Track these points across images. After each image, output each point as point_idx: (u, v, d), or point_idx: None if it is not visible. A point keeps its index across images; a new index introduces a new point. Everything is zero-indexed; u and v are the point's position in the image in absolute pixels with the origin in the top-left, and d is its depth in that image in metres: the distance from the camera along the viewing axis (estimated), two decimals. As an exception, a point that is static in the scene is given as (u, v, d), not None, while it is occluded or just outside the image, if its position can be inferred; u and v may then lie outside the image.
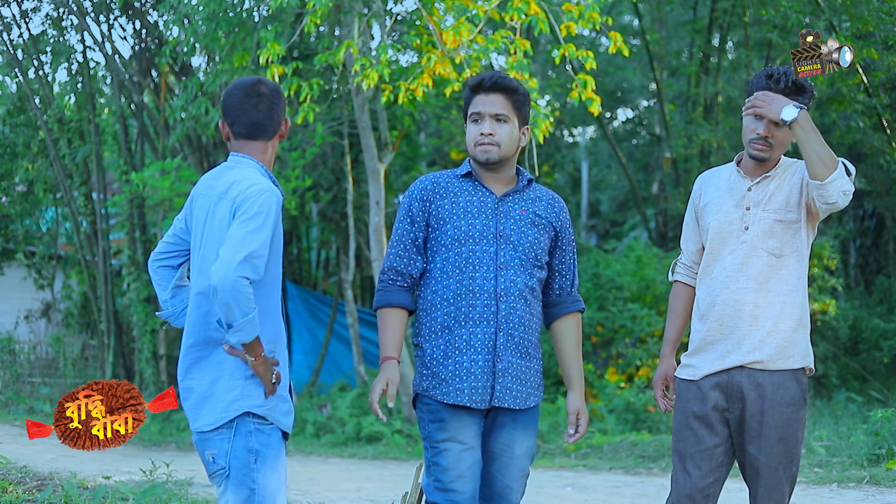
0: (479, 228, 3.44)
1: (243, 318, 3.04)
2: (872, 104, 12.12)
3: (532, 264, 3.47)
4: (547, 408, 11.00)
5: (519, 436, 3.46)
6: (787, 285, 3.48)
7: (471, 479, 3.37)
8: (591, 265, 12.94)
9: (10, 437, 9.86)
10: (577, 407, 3.54)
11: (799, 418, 3.47)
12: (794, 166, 3.58)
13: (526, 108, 3.55)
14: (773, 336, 3.45)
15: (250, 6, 9.99)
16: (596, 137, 21.69)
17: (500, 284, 3.41)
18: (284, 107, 3.39)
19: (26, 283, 17.39)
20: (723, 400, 3.50)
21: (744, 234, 3.51)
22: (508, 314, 3.41)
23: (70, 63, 13.79)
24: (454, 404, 3.39)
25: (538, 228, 3.49)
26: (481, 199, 3.49)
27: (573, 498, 7.18)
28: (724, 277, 3.52)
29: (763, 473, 3.46)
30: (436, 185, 3.52)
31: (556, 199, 3.59)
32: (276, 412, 3.26)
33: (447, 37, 8.30)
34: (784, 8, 12.10)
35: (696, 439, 3.51)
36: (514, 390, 3.42)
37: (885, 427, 7.71)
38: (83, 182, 14.15)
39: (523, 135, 3.56)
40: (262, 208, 3.12)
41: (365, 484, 7.78)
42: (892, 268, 14.77)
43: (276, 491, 3.24)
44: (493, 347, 3.40)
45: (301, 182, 11.72)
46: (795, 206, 3.50)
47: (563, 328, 3.58)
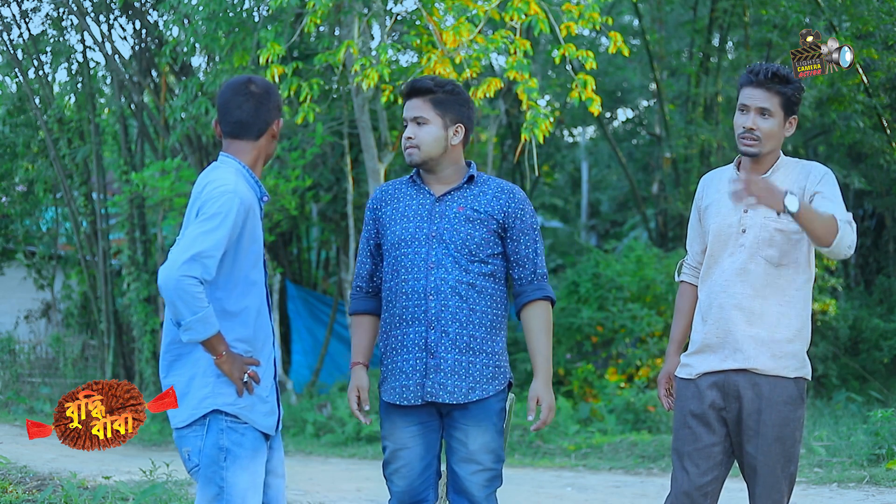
0: (412, 231, 3.56)
1: (192, 316, 3.07)
2: (872, 104, 12.11)
3: (467, 260, 3.52)
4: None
5: (472, 430, 3.51)
6: (785, 295, 3.47)
7: (406, 475, 3.55)
8: (591, 265, 12.94)
9: (10, 437, 9.86)
10: (536, 393, 3.55)
11: (796, 417, 3.47)
12: (797, 170, 3.53)
13: (454, 107, 3.58)
14: (768, 346, 3.46)
15: (250, 6, 9.99)
16: (596, 137, 21.69)
17: (431, 284, 3.50)
18: (277, 107, 3.37)
19: (26, 283, 17.39)
20: (720, 399, 3.51)
21: (741, 237, 3.51)
22: (440, 312, 3.49)
23: (70, 63, 13.78)
24: (389, 402, 3.57)
25: (473, 223, 3.54)
26: (420, 201, 3.60)
27: (573, 498, 7.18)
28: (722, 281, 3.53)
29: (761, 472, 3.46)
30: (384, 194, 3.68)
31: (503, 191, 3.60)
32: (254, 412, 3.25)
33: (447, 37, 8.30)
34: (784, 8, 12.10)
35: (693, 438, 3.53)
36: (449, 385, 3.49)
37: (885, 427, 7.71)
38: (83, 182, 14.15)
39: (455, 133, 3.58)
40: (220, 209, 3.13)
41: (365, 484, 7.78)
42: (892, 268, 14.77)
43: (247, 491, 3.22)
44: (425, 346, 3.50)
45: (301, 182, 11.72)
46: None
47: (527, 317, 3.62)
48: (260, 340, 3.30)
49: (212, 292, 3.20)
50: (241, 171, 3.31)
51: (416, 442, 3.55)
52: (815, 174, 3.49)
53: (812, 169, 3.52)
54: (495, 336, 3.57)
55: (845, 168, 14.06)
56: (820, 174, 3.49)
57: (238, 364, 3.20)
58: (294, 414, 11.74)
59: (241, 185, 3.23)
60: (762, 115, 3.47)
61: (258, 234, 3.29)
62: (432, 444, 3.58)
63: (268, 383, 3.31)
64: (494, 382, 3.54)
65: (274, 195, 11.50)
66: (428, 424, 3.57)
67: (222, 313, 3.20)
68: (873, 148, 12.82)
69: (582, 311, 12.32)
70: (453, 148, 3.59)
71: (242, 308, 3.24)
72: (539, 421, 3.54)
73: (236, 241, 3.19)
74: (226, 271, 3.21)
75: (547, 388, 3.56)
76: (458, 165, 3.63)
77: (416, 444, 3.56)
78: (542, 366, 3.56)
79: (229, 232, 3.13)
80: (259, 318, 3.29)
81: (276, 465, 3.43)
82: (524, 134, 8.43)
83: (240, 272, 3.23)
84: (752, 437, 3.46)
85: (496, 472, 3.54)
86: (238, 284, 3.23)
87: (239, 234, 3.19)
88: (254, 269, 3.26)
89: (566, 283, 13.02)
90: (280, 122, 3.40)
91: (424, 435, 3.56)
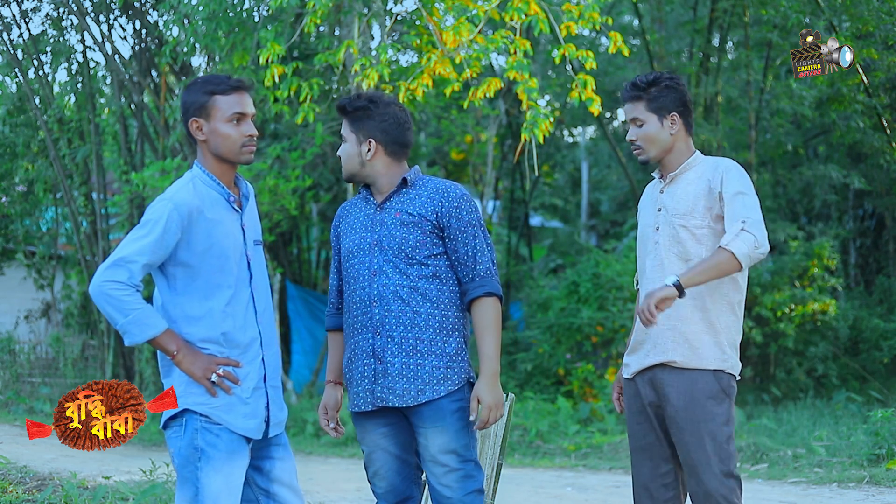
0: (358, 242, 3.62)
1: (123, 319, 3.09)
2: (872, 104, 12.12)
3: (406, 263, 3.53)
4: (546, 407, 11.00)
5: (430, 432, 3.51)
6: (695, 289, 3.49)
7: (384, 476, 3.61)
8: (591, 265, 12.94)
9: (10, 437, 9.86)
10: (477, 393, 3.50)
11: (720, 412, 3.50)
12: (702, 168, 3.61)
13: (366, 123, 3.61)
14: (683, 337, 3.53)
15: (250, 6, 9.98)
16: (596, 137, 21.69)
17: (374, 290, 3.55)
18: (190, 106, 3.30)
19: (26, 283, 17.38)
20: (654, 395, 3.61)
21: (655, 235, 3.65)
22: (384, 317, 3.52)
23: (70, 63, 13.78)
24: (353, 410, 3.62)
25: (408, 227, 3.56)
26: (366, 212, 3.66)
27: (573, 498, 7.18)
28: (644, 279, 3.71)
29: (694, 472, 3.50)
30: (342, 210, 3.77)
31: (438, 191, 3.60)
32: (231, 413, 3.23)
33: (447, 37, 8.29)
34: (784, 8, 12.10)
35: (637, 435, 3.67)
36: (398, 389, 3.50)
37: (885, 427, 7.71)
38: (83, 182, 14.14)
39: (368, 149, 3.61)
40: (151, 216, 3.18)
41: (365, 484, 7.74)
42: (892, 268, 14.77)
43: (220, 493, 3.20)
44: (372, 352, 3.54)
45: (301, 182, 11.72)
46: (701, 214, 3.55)
47: (473, 315, 3.60)
48: (240, 342, 3.27)
49: (173, 297, 3.23)
50: (199, 176, 3.30)
51: (388, 442, 3.59)
52: (721, 167, 3.56)
53: (719, 164, 3.60)
54: (447, 337, 3.54)
55: (845, 168, 14.06)
56: (723, 168, 3.56)
57: (200, 363, 3.19)
58: (294, 414, 11.74)
59: (183, 192, 3.23)
60: (636, 124, 3.64)
61: (218, 237, 3.25)
62: (406, 442, 3.60)
63: (250, 385, 3.27)
64: (447, 383, 3.51)
65: (274, 195, 11.50)
66: (397, 424, 3.58)
67: (185, 318, 3.22)
68: (873, 148, 12.83)
69: (582, 311, 12.32)
70: (370, 161, 3.62)
71: (206, 311, 3.23)
72: (480, 420, 3.49)
73: (187, 247, 3.20)
74: (184, 276, 3.23)
75: (489, 388, 3.49)
76: (388, 173, 3.64)
77: (388, 443, 3.59)
78: (486, 364, 3.51)
79: (159, 237, 3.15)
80: (235, 320, 3.26)
81: (281, 475, 3.38)
82: (524, 134, 8.42)
83: (200, 276, 3.23)
84: (680, 432, 3.52)
85: (466, 472, 3.50)
86: (201, 288, 3.23)
87: (186, 239, 3.19)
88: (219, 272, 3.24)
89: (566, 283, 13.01)
90: (196, 122, 3.30)
91: (396, 435, 3.59)
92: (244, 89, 3.31)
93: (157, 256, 3.16)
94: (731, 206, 3.46)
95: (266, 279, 3.44)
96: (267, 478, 3.37)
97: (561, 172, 22.51)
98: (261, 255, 3.43)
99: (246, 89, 3.32)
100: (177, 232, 3.17)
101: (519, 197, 18.95)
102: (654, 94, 3.59)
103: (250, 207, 3.42)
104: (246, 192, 3.42)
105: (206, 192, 3.28)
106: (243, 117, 3.29)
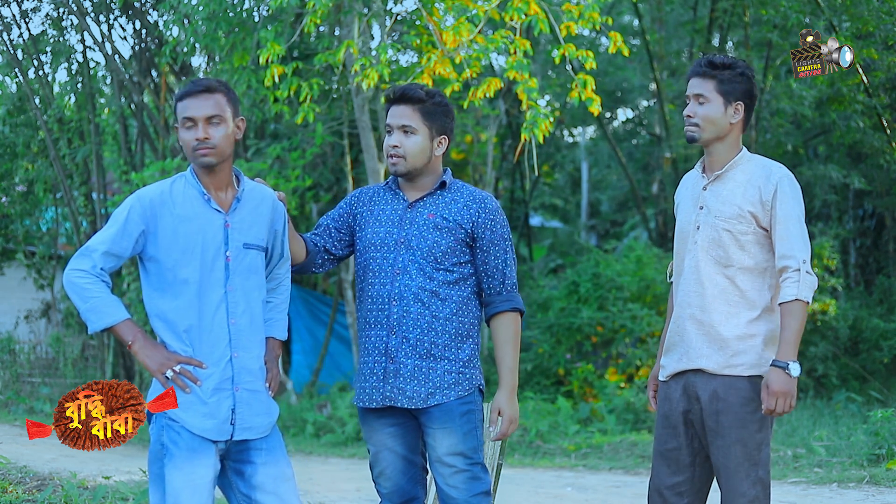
0: (383, 236, 3.57)
1: (84, 305, 3.17)
2: (872, 104, 12.11)
3: (432, 267, 3.51)
4: (547, 408, 11.00)
5: (438, 433, 3.51)
6: (733, 295, 3.47)
7: (390, 476, 3.58)
8: (591, 265, 12.93)
9: (10, 437, 9.86)
10: (498, 405, 3.55)
11: (755, 419, 3.45)
12: (757, 168, 3.51)
13: (441, 119, 3.58)
14: (718, 345, 3.47)
15: (250, 6, 9.98)
16: (596, 137, 21.69)
17: (395, 289, 3.51)
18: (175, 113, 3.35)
19: (26, 283, 17.38)
20: (685, 401, 3.54)
21: (696, 234, 3.53)
22: (401, 317, 3.50)
23: (70, 63, 13.77)
24: (360, 406, 3.60)
25: (441, 231, 3.53)
26: (394, 207, 3.61)
27: (573, 498, 7.18)
28: (681, 280, 3.58)
29: (724, 475, 3.47)
30: (363, 194, 3.71)
31: (476, 201, 3.59)
32: (187, 412, 3.21)
33: (447, 37, 8.29)
34: (784, 8, 12.09)
35: (662, 439, 3.61)
36: (408, 390, 3.49)
37: (885, 427, 7.71)
38: (83, 182, 14.14)
39: (439, 145, 3.59)
40: (118, 211, 3.28)
41: (365, 484, 7.78)
42: (892, 268, 14.76)
43: (180, 492, 3.18)
44: (385, 350, 3.52)
45: (301, 182, 11.71)
46: (748, 220, 3.46)
47: (494, 327, 3.62)
48: (204, 341, 3.25)
49: (148, 292, 3.31)
50: (185, 175, 3.35)
51: (395, 442, 3.57)
52: (774, 177, 3.46)
53: (772, 171, 3.48)
54: (461, 343, 3.55)
55: (845, 168, 14.05)
56: (776, 178, 3.45)
57: (157, 357, 3.20)
58: (294, 414, 11.74)
59: (152, 187, 3.31)
60: (699, 101, 3.51)
61: (185, 233, 3.25)
62: (413, 442, 3.59)
63: (211, 385, 3.24)
64: (457, 388, 3.52)
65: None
66: (404, 425, 3.57)
67: (155, 312, 3.28)
68: (873, 148, 12.82)
69: (582, 311, 12.32)
70: (436, 159, 3.61)
71: (171, 307, 3.26)
72: (499, 432, 3.53)
73: (154, 241, 3.25)
74: (154, 271, 3.29)
75: (510, 401, 3.55)
76: (436, 173, 3.64)
77: (395, 443, 3.57)
78: (507, 377, 3.56)
79: (121, 228, 3.23)
80: (202, 319, 3.24)
81: (263, 481, 3.30)
82: (524, 134, 8.42)
83: (167, 272, 3.26)
84: (714, 438, 3.47)
85: (473, 473, 3.50)
86: (168, 284, 3.26)
87: (153, 232, 3.25)
88: (184, 268, 3.24)
89: (566, 283, 13.01)
90: (176, 127, 3.36)
91: (403, 435, 3.57)
92: (197, 93, 3.29)
93: (119, 247, 3.23)
94: (787, 233, 3.39)
95: (258, 282, 3.36)
96: (248, 484, 3.31)
97: (561, 172, 22.51)
98: (253, 259, 3.35)
99: (201, 92, 3.28)
100: (139, 223, 3.23)
101: (519, 197, 18.95)
102: (727, 77, 3.48)
103: (247, 210, 3.36)
104: (240, 195, 3.36)
105: (184, 190, 3.31)
106: (193, 121, 3.28)
